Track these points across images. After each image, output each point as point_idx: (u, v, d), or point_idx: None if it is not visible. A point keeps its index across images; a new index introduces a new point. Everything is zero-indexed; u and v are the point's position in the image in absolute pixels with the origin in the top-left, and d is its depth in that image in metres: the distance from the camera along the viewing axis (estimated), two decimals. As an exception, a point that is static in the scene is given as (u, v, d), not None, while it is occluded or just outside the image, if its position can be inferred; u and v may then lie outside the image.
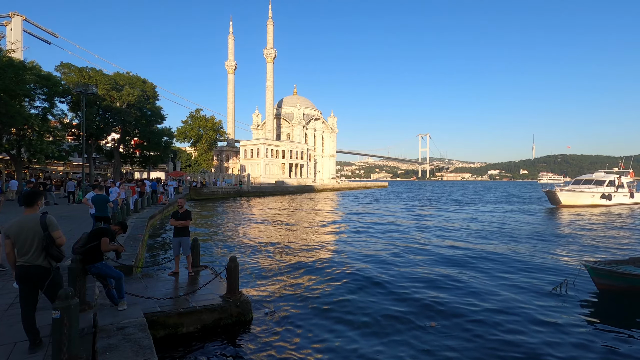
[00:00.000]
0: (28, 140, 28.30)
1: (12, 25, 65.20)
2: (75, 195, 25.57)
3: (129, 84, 44.33)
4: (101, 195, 11.20)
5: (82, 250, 5.59)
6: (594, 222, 24.47)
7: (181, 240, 8.49)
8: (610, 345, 6.31)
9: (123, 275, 5.95)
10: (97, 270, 5.69)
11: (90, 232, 5.88)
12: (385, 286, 9.66)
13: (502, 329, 6.89)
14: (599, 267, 8.94)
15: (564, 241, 16.95)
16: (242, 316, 6.86)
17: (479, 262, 12.51)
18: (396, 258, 13.15)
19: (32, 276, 4.10)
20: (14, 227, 4.11)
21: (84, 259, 5.58)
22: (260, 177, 74.22)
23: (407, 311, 7.86)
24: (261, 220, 24.94)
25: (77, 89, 27.83)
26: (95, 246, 5.62)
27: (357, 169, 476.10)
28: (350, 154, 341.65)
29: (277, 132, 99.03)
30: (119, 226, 6.44)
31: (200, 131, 73.73)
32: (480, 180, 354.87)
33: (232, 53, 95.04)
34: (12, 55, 27.12)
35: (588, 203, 36.45)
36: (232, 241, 16.67)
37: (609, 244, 16.22)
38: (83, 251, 5.58)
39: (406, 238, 17.81)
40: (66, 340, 3.57)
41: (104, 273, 5.73)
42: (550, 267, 11.69)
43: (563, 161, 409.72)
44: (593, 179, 39.45)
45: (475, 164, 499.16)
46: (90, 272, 5.69)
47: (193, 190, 46.46)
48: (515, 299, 8.62)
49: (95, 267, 5.66)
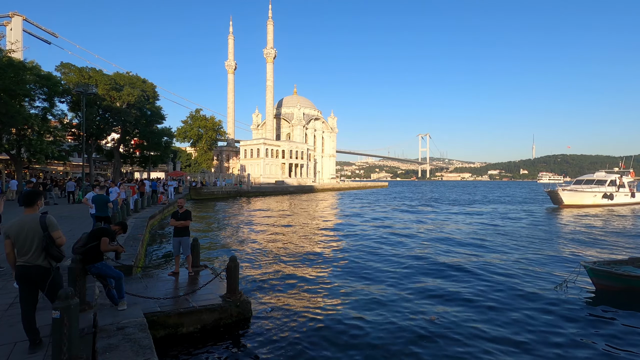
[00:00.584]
0: (28, 140, 28.27)
1: (12, 25, 65.18)
2: (75, 195, 25.58)
3: (129, 84, 44.31)
4: (101, 195, 11.21)
5: (82, 250, 5.59)
6: (597, 222, 24.50)
7: (181, 240, 8.49)
8: (609, 345, 6.31)
9: (123, 275, 5.95)
10: (97, 270, 5.70)
11: (90, 232, 5.89)
12: (384, 284, 9.66)
13: (501, 328, 6.89)
14: (597, 268, 8.94)
15: (569, 241, 16.96)
16: (242, 316, 6.86)
17: (481, 262, 12.51)
18: (395, 257, 13.15)
19: (32, 276, 4.10)
20: (13, 227, 4.11)
21: (84, 259, 5.58)
22: (260, 177, 74.21)
23: (403, 301, 7.87)
24: (261, 220, 24.93)
25: (77, 89, 27.82)
26: (95, 246, 5.62)
27: (357, 169, 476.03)
28: (350, 154, 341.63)
29: (277, 132, 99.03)
30: (119, 226, 6.43)
31: (200, 131, 73.73)
32: (480, 180, 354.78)
33: (232, 53, 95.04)
34: (12, 55, 27.10)
35: (590, 203, 36.56)
36: (232, 241, 16.67)
37: (616, 243, 16.26)
38: (83, 251, 5.58)
39: (407, 238, 17.80)
40: (66, 340, 3.56)
41: (103, 273, 5.73)
42: (554, 267, 11.69)
43: (563, 161, 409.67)
44: (594, 179, 39.55)
45: (475, 164, 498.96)
46: (90, 272, 5.70)
47: (193, 190, 46.45)
48: (516, 298, 8.63)
49: (95, 267, 5.67)
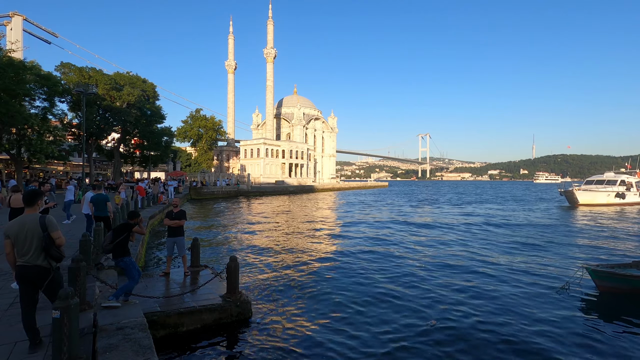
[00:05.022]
0: (28, 140, 28.26)
1: (12, 25, 65.17)
2: (75, 196, 25.55)
3: (129, 83, 44.31)
4: (101, 194, 11.16)
5: (111, 246, 5.94)
6: (615, 222, 24.77)
7: (176, 240, 8.43)
8: (611, 346, 6.31)
9: (138, 282, 6.23)
10: (125, 265, 6.02)
11: (114, 228, 6.23)
12: (387, 287, 9.66)
13: (502, 329, 6.89)
14: (600, 270, 8.92)
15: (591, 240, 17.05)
16: (242, 316, 6.86)
17: (491, 262, 12.52)
18: (397, 258, 13.16)
19: (32, 276, 4.09)
20: (13, 227, 4.10)
21: (113, 253, 5.99)
22: (261, 177, 74.17)
23: (408, 308, 7.88)
24: (261, 220, 24.92)
25: (77, 88, 27.83)
26: (123, 240, 5.98)
27: (357, 169, 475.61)
28: (350, 153, 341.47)
29: (277, 132, 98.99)
30: (137, 217, 6.59)
31: (200, 131, 73.68)
32: (480, 180, 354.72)
33: (232, 53, 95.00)
34: (12, 54, 27.07)
35: (604, 202, 37.65)
36: (232, 241, 16.66)
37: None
38: (112, 247, 5.94)
39: (407, 237, 17.81)
40: (66, 340, 3.56)
41: (128, 270, 6.02)
42: (563, 269, 11.71)
43: (563, 161, 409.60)
44: (604, 179, 40.67)
45: (475, 163, 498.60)
46: (119, 266, 6.11)
47: (193, 190, 46.45)
48: (520, 298, 8.64)
49: (124, 261, 6.01)
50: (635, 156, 56.26)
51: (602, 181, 40.37)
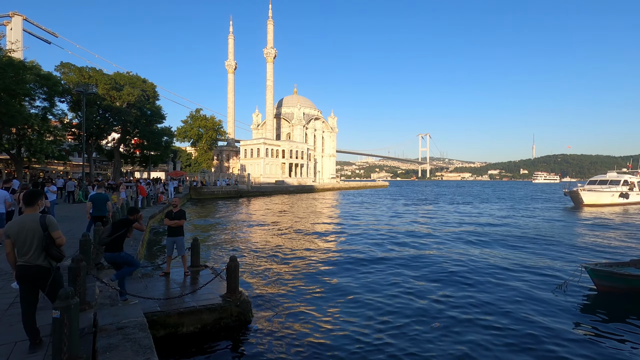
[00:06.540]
0: (28, 139, 28.26)
1: (12, 25, 65.20)
2: (75, 195, 25.55)
3: (129, 83, 44.30)
4: (101, 194, 11.14)
5: (108, 240, 6.07)
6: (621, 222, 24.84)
7: (175, 240, 8.41)
8: (609, 345, 6.31)
9: (139, 266, 6.59)
10: (123, 258, 6.22)
11: (113, 223, 6.42)
12: (386, 285, 9.66)
13: (502, 329, 6.89)
14: (598, 269, 8.92)
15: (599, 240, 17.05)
16: (242, 316, 6.85)
17: (491, 262, 12.52)
18: (397, 259, 13.16)
19: (33, 276, 4.09)
20: (13, 227, 4.10)
21: (109, 248, 6.11)
22: (261, 177, 74.17)
23: (410, 308, 7.87)
24: (261, 220, 24.93)
25: (77, 88, 27.89)
26: (121, 235, 6.14)
27: (357, 169, 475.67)
28: (350, 153, 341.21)
29: (277, 132, 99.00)
30: (137, 213, 6.78)
31: (200, 131, 73.65)
32: (480, 180, 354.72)
33: (232, 53, 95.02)
34: (12, 54, 27.07)
35: (608, 202, 37.84)
36: (232, 241, 16.67)
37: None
38: (109, 241, 6.07)
39: (407, 237, 17.80)
40: (66, 340, 3.56)
41: (129, 260, 6.27)
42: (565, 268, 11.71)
43: (563, 161, 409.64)
44: (608, 179, 40.86)
45: (476, 163, 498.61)
46: (118, 261, 6.22)
47: (193, 190, 46.43)
48: (520, 298, 8.64)
49: (121, 256, 6.21)
50: (635, 156, 56.44)
51: (606, 181, 40.52)
